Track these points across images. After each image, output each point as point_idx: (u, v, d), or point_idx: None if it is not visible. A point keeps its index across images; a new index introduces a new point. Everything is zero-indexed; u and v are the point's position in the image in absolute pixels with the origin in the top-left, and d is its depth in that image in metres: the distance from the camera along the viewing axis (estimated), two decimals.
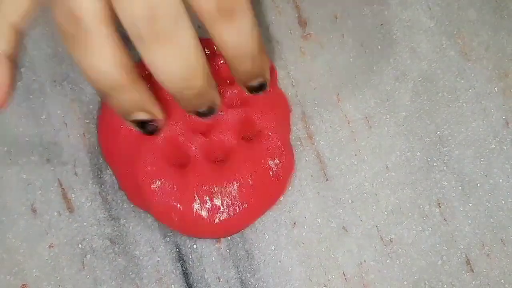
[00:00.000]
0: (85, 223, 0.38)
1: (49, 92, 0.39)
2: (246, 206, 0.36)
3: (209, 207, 0.36)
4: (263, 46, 0.28)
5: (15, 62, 0.29)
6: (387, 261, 0.38)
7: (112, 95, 0.29)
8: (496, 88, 0.40)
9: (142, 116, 0.30)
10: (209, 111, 0.31)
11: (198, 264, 0.37)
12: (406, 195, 0.38)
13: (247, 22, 0.26)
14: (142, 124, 0.31)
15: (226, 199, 0.36)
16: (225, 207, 0.36)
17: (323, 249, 0.38)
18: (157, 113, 0.31)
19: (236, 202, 0.36)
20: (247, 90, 0.31)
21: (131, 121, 0.30)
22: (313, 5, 0.41)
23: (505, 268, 0.38)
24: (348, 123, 0.39)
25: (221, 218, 0.36)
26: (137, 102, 0.29)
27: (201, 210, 0.36)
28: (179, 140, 0.37)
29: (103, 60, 0.27)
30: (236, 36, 0.27)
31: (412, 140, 0.39)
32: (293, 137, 0.39)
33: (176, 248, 0.38)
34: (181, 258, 0.37)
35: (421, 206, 0.38)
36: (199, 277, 0.37)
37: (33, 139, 0.38)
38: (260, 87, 0.31)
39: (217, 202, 0.36)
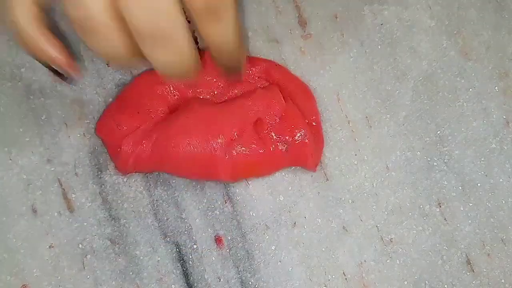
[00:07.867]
0: (85, 223, 0.38)
1: (49, 92, 0.39)
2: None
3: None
4: (242, 43, 0.32)
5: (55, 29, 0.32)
6: (387, 261, 0.38)
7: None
8: (496, 87, 0.40)
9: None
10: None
11: (198, 264, 0.37)
12: (406, 195, 0.38)
13: (230, 23, 0.29)
14: None
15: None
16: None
17: (323, 249, 0.38)
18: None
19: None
20: (225, 75, 0.35)
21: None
22: (313, 5, 0.41)
23: (506, 267, 0.38)
24: (348, 123, 0.39)
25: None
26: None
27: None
28: None
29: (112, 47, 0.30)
30: (220, 35, 0.30)
31: (412, 139, 0.39)
32: None
33: (176, 248, 0.38)
34: (181, 258, 0.37)
35: (421, 206, 0.38)
36: (199, 277, 0.37)
37: (33, 139, 0.38)
38: (236, 74, 0.34)
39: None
